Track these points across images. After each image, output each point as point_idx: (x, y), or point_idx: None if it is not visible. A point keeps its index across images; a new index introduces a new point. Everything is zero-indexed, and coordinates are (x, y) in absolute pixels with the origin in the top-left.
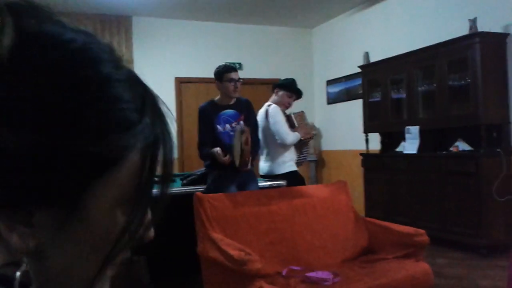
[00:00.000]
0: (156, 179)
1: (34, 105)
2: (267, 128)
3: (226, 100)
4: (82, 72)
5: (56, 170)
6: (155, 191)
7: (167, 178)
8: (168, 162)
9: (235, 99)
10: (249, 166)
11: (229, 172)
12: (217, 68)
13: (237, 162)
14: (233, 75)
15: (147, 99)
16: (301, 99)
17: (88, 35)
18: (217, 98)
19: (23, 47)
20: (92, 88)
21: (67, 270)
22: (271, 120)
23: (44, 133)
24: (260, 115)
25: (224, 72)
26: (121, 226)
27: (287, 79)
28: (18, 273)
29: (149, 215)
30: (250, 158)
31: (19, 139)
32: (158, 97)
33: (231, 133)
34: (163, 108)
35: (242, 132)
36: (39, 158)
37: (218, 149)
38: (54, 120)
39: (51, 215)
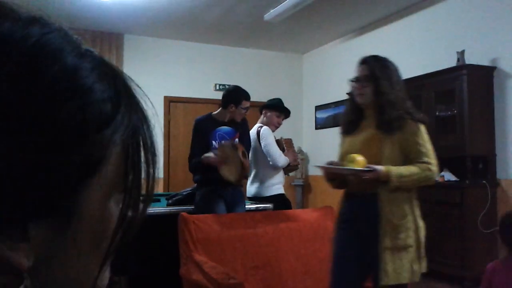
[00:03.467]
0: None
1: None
2: (258, 149)
3: (226, 117)
4: (45, 70)
5: (43, 183)
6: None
7: (152, 162)
8: (150, 148)
9: None
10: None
11: (218, 188)
12: (235, 91)
13: (236, 177)
14: (248, 103)
15: (119, 86)
16: (289, 124)
17: (43, 23)
18: (215, 112)
19: None
20: (60, 86)
21: (71, 275)
22: (263, 142)
23: (18, 147)
24: (251, 136)
25: (244, 99)
26: (117, 215)
27: (273, 99)
28: None
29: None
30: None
31: None
32: (131, 80)
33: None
34: (137, 92)
35: (234, 147)
36: (20, 175)
37: (207, 154)
38: (26, 132)
39: (47, 225)
